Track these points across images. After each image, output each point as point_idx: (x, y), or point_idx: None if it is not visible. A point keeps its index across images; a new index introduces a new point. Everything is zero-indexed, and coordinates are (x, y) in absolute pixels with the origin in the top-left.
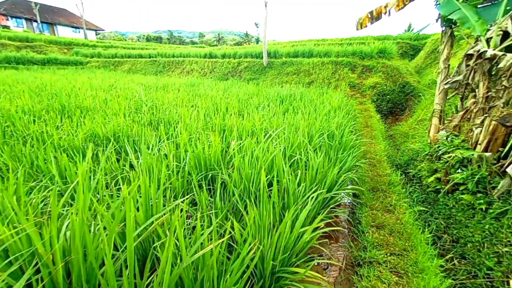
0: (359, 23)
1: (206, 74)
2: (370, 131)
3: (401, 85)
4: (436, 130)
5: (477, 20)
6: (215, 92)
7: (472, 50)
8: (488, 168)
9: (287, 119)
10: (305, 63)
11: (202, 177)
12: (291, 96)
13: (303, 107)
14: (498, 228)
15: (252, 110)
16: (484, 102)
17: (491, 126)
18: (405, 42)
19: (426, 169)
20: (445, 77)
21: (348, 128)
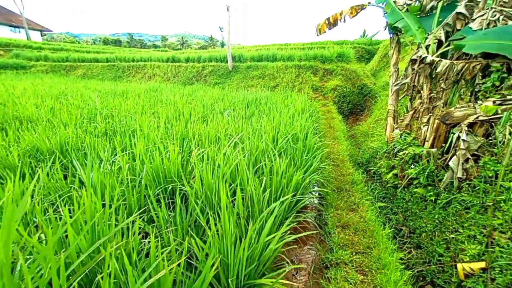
0: (318, 29)
1: (169, 78)
2: (333, 132)
3: (359, 87)
4: (391, 129)
5: (418, 28)
6: (178, 98)
7: (415, 55)
8: (435, 163)
9: (253, 124)
10: (270, 67)
11: (161, 190)
12: (256, 100)
13: (268, 111)
14: (445, 217)
15: (217, 116)
16: (428, 103)
17: (435, 124)
18: (361, 46)
19: (384, 166)
20: (396, 80)
21: (311, 130)
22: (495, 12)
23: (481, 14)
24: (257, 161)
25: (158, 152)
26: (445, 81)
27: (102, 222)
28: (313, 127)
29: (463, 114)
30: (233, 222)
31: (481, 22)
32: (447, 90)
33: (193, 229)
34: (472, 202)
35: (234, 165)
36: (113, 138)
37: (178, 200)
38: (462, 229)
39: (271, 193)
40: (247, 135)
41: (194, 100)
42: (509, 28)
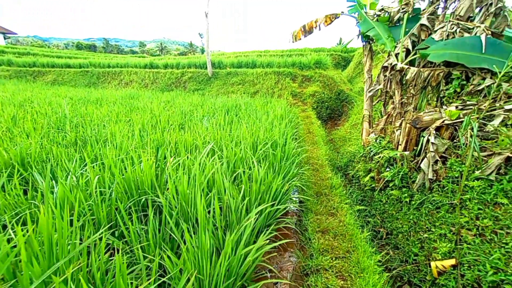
0: (294, 36)
1: (147, 85)
2: (312, 137)
3: (336, 92)
4: (367, 133)
5: (387, 37)
6: (156, 105)
7: (386, 63)
8: (408, 165)
9: (232, 131)
10: (250, 74)
11: (134, 203)
12: (236, 106)
13: (248, 117)
14: (419, 217)
15: (196, 123)
16: (400, 107)
17: (407, 128)
18: (337, 54)
19: (362, 170)
20: (370, 86)
21: (290, 136)
22: (453, 25)
23: (441, 26)
24: (235, 168)
25: (130, 162)
26: (414, 87)
27: (63, 241)
28: (293, 133)
29: (431, 119)
30: (210, 233)
31: (442, 33)
32: (416, 96)
33: (167, 243)
34: (442, 202)
35: (211, 174)
36: (83, 148)
37: (150, 213)
38: (434, 228)
39: (250, 201)
40: (225, 142)
41: (172, 107)
42: (465, 39)
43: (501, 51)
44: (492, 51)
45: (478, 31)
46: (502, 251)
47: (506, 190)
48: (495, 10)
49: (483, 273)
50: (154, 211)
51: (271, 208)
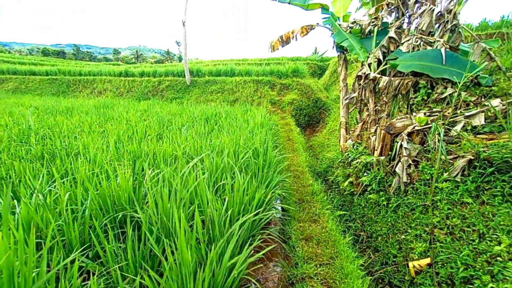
0: (271, 46)
1: (122, 94)
2: (292, 144)
3: (314, 100)
4: (344, 139)
5: (360, 48)
6: (132, 114)
7: (360, 72)
8: (384, 170)
9: (213, 140)
10: (229, 82)
11: (110, 220)
12: (216, 114)
13: (228, 126)
14: (396, 219)
15: (175, 132)
16: (374, 114)
17: (381, 134)
18: (313, 62)
19: (341, 175)
20: (345, 94)
21: (271, 144)
22: (417, 38)
23: (407, 39)
24: (217, 179)
25: (105, 176)
26: (386, 95)
27: (27, 270)
28: (273, 141)
29: (403, 125)
30: (193, 248)
31: (408, 46)
32: (389, 103)
33: (148, 261)
34: (416, 204)
35: (193, 186)
36: (51, 162)
37: (129, 230)
38: (410, 229)
39: (233, 212)
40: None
41: (149, 116)
42: (428, 52)
43: (458, 63)
44: (451, 63)
45: (438, 44)
46: (470, 248)
47: (470, 190)
48: (451, 26)
49: (455, 270)
50: (133, 228)
51: (255, 217)
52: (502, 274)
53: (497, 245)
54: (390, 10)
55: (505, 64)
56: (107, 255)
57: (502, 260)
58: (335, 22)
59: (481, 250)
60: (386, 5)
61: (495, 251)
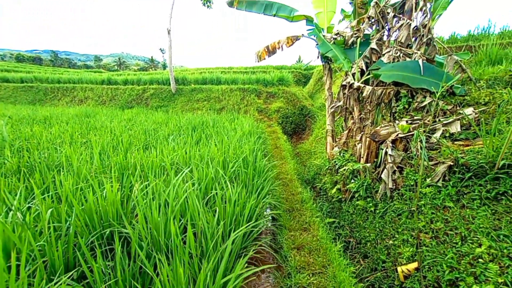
0: (258, 56)
1: (105, 102)
2: (279, 152)
3: (299, 108)
4: (331, 147)
5: (344, 58)
6: (116, 123)
7: (345, 81)
8: (370, 176)
9: (201, 149)
10: (215, 90)
11: (97, 236)
12: (203, 123)
13: (216, 135)
14: (383, 225)
15: (162, 142)
16: (359, 122)
17: (367, 142)
18: (298, 71)
19: (329, 182)
20: (331, 103)
21: (260, 153)
22: (397, 50)
23: (387, 51)
24: (207, 190)
25: (91, 190)
26: (370, 103)
27: None
28: (261, 149)
29: (387, 132)
30: (186, 264)
31: (389, 57)
32: (373, 111)
33: (138, 278)
34: (402, 209)
35: (184, 198)
36: (29, 176)
37: (117, 247)
38: (398, 234)
39: (225, 225)
40: (195, 162)
41: (134, 126)
42: (408, 63)
43: (435, 74)
44: (429, 73)
45: (416, 56)
46: (454, 251)
47: (451, 194)
48: (426, 40)
49: (441, 273)
50: (121, 244)
51: (247, 229)
52: (484, 275)
53: (478, 247)
54: (371, 23)
55: (474, 75)
56: (94, 275)
57: (484, 262)
58: (320, 33)
59: (464, 253)
60: (367, 18)
61: (476, 253)
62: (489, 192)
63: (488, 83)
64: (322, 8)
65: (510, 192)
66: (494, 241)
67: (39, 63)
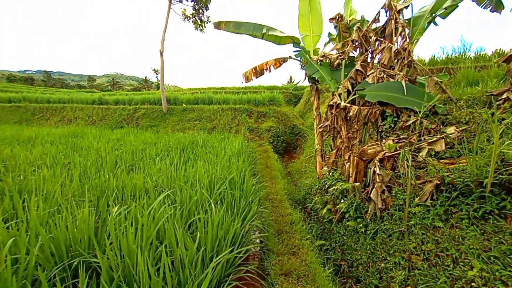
0: (245, 76)
1: (95, 122)
2: (270, 171)
3: (290, 127)
4: (320, 166)
5: (331, 79)
6: (103, 143)
7: (332, 102)
8: (360, 196)
9: (188, 170)
10: (206, 110)
11: (65, 267)
12: (193, 143)
13: (204, 154)
14: (375, 247)
15: (148, 163)
16: (347, 141)
17: (355, 161)
18: (288, 91)
19: (319, 202)
20: (319, 122)
21: (248, 173)
22: (380, 71)
23: (372, 72)
24: (190, 213)
25: (63, 216)
26: (357, 123)
27: None
28: (250, 169)
29: (374, 151)
30: None
31: (373, 77)
32: (360, 130)
33: None
34: (392, 229)
35: (161, 223)
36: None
37: (83, 280)
38: (389, 256)
39: (206, 251)
40: (180, 184)
41: (122, 146)
42: (392, 84)
43: (417, 94)
44: (411, 94)
45: (398, 77)
46: (446, 274)
47: (440, 214)
48: (407, 62)
49: None
50: (91, 275)
51: (230, 254)
52: None
53: (470, 270)
54: (355, 46)
55: (455, 95)
56: None
57: (477, 286)
58: (306, 55)
59: (456, 276)
60: (351, 42)
61: (469, 276)
62: (476, 211)
63: (467, 103)
64: (308, 31)
65: (496, 211)
66: (485, 263)
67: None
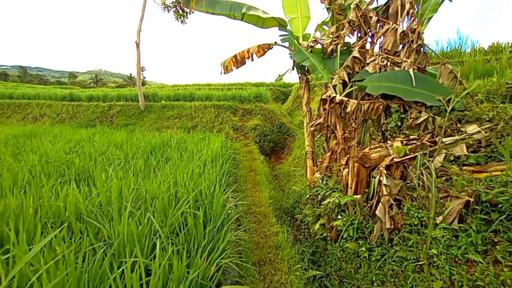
0: (224, 67)
1: (64, 120)
2: (254, 176)
3: (278, 125)
4: (311, 172)
5: (323, 69)
6: (61, 145)
7: (325, 95)
8: (361, 212)
9: (148, 182)
10: (187, 107)
11: None
12: (165, 144)
13: (176, 158)
14: (383, 278)
15: (100, 172)
16: (343, 143)
17: (355, 168)
18: (276, 88)
19: (310, 215)
20: (310, 120)
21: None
22: (383, 58)
23: (372, 59)
24: (121, 254)
25: None
26: (355, 120)
27: None
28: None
29: (379, 156)
30: None
31: (374, 66)
32: (358, 129)
33: None
34: (407, 258)
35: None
36: None
37: None
38: None
39: None
40: (124, 205)
41: (83, 147)
42: (397, 73)
43: (428, 85)
44: (421, 85)
45: (405, 65)
46: None
47: (476, 243)
48: (416, 46)
49: None
50: None
51: None
52: None
53: None
54: (352, 28)
55: None
56: None
57: None
58: (294, 40)
59: None
60: (347, 23)
61: None
62: None
63: (486, 96)
64: (296, 13)
65: None
66: None
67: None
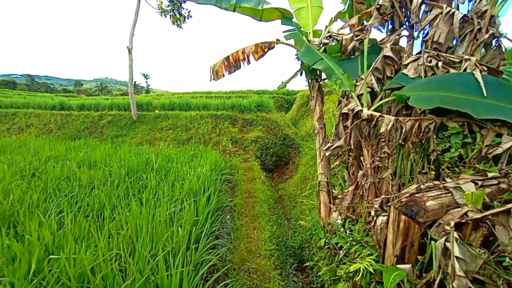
0: (214, 71)
1: (51, 131)
2: (253, 204)
3: (281, 137)
4: (326, 209)
5: (343, 73)
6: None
7: (346, 108)
8: None
9: (104, 228)
10: (183, 117)
11: None
12: (147, 163)
13: (154, 187)
14: None
15: (35, 212)
16: (373, 174)
17: (399, 222)
18: (280, 96)
19: (328, 274)
20: (324, 140)
21: (206, 234)
22: (430, 57)
23: (413, 59)
24: None
25: None
26: (387, 143)
27: None
28: (221, 209)
29: (439, 206)
30: None
31: (417, 68)
32: (393, 156)
33: None
34: None
35: None
36: None
37: None
38: None
39: None
40: None
41: (47, 170)
42: (456, 77)
43: (508, 95)
44: (496, 94)
45: (468, 65)
46: None
47: None
48: (489, 37)
49: None
50: None
51: None
52: None
53: None
54: (383, 17)
55: None
56: None
57: None
58: (302, 36)
59: None
60: (376, 10)
61: None
62: None
63: None
64: (304, 2)
65: None
66: None
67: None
